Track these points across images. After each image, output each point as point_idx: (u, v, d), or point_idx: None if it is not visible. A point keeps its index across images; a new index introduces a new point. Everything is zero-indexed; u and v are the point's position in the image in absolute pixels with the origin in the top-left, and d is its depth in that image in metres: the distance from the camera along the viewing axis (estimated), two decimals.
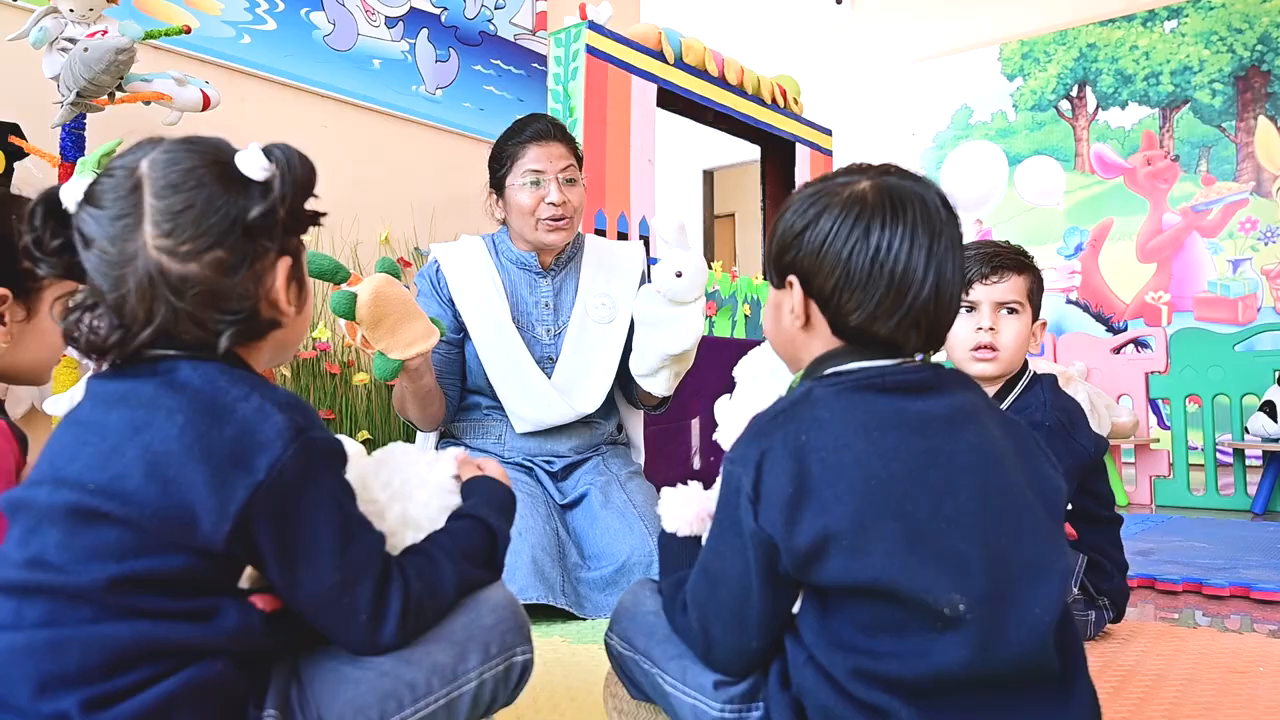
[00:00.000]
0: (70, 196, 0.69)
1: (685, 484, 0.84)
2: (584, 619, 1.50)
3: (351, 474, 0.76)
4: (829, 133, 3.16)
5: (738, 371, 0.94)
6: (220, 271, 0.68)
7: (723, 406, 0.86)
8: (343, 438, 0.78)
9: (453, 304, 1.73)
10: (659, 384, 1.65)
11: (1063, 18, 4.52)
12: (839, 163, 3.36)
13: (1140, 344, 3.62)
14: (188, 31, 1.96)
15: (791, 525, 0.67)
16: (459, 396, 1.77)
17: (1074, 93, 4.54)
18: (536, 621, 1.44)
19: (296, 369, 2.36)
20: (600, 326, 1.77)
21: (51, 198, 0.70)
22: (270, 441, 0.66)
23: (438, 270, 1.76)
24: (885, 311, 0.73)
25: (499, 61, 3.07)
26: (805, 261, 0.76)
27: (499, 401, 1.72)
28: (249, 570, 0.72)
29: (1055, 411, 1.26)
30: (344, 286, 1.38)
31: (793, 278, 0.77)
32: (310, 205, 0.75)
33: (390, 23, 2.76)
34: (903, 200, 0.74)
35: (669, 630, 0.80)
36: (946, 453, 0.69)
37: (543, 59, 3.17)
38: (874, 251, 0.72)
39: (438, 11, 2.89)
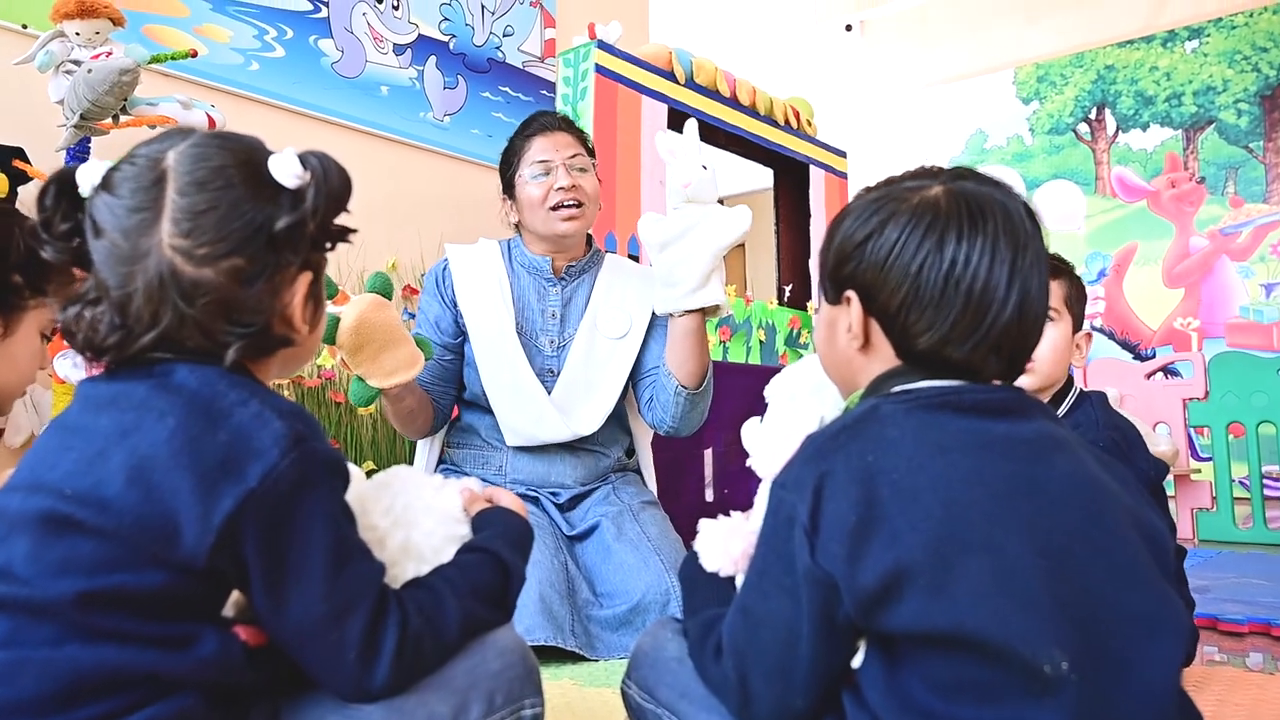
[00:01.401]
0: (87, 179, 0.64)
1: (727, 514, 0.74)
2: (595, 660, 1.40)
3: (349, 497, 0.68)
4: (843, 155, 3.10)
5: (770, 391, 0.85)
6: (237, 281, 0.63)
7: (753, 430, 0.77)
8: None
9: (456, 306, 1.67)
10: (712, 292, 1.49)
11: (1079, 40, 4.48)
12: (854, 187, 3.30)
13: (1169, 371, 3.51)
14: (194, 55, 1.91)
15: (856, 560, 0.57)
16: (451, 404, 1.69)
17: (1092, 115, 4.48)
18: (545, 663, 1.34)
19: (301, 397, 2.29)
20: (610, 341, 1.67)
21: (66, 178, 0.65)
22: (266, 449, 0.59)
23: (445, 269, 1.70)
24: (961, 334, 0.64)
25: (507, 88, 3.04)
26: (867, 275, 0.67)
27: (496, 422, 1.63)
28: (235, 597, 0.65)
29: (1109, 431, 1.16)
30: (330, 305, 1.30)
31: (851, 293, 0.69)
32: (341, 220, 0.70)
33: (399, 50, 2.73)
34: (982, 208, 0.65)
35: (696, 680, 0.70)
36: (1040, 481, 0.59)
37: (551, 86, 3.13)
38: (948, 266, 0.64)
39: (446, 39, 2.86)
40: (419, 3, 2.79)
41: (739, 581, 0.69)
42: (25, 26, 1.95)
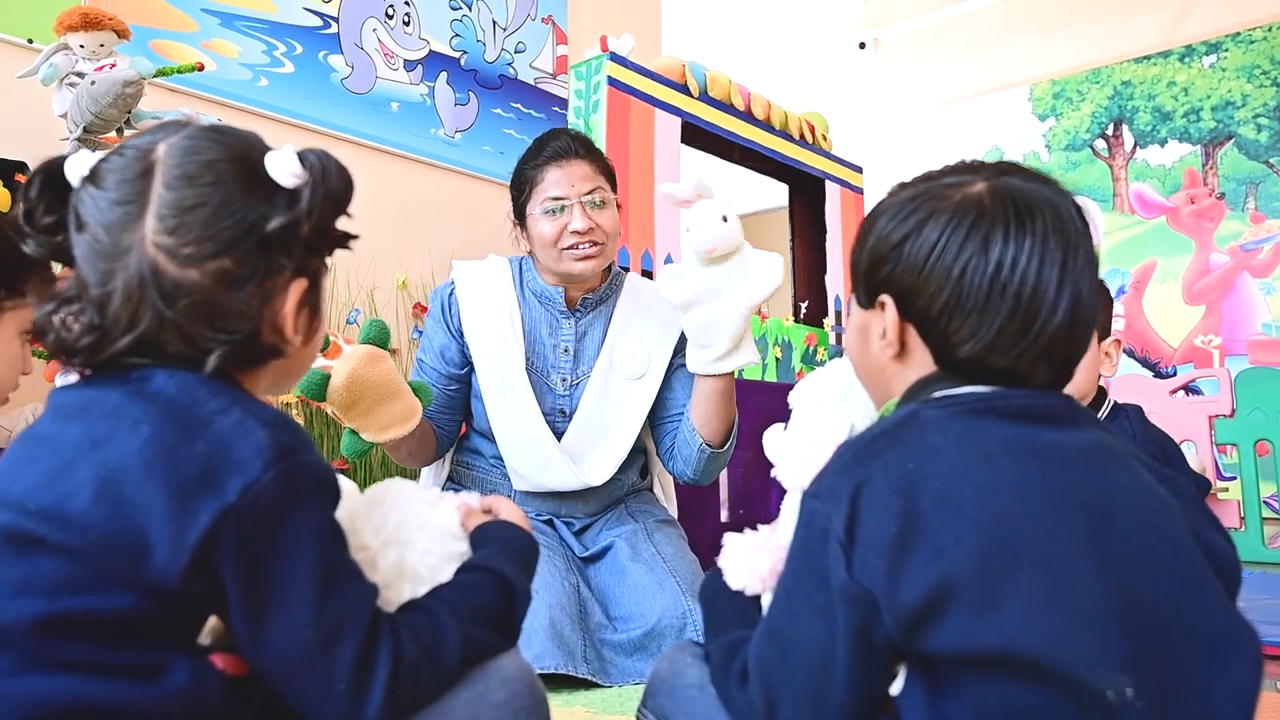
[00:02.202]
0: (76, 170, 0.61)
1: (753, 528, 0.69)
2: (609, 686, 1.34)
3: (338, 515, 0.63)
4: (859, 170, 3.06)
5: (796, 397, 0.80)
6: (222, 283, 0.59)
7: (777, 438, 0.72)
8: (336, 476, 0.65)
9: (462, 337, 1.55)
10: (744, 354, 1.40)
11: (1095, 56, 4.44)
12: (870, 202, 3.25)
13: (1190, 389, 3.43)
14: (200, 69, 1.90)
15: (897, 574, 0.52)
16: (457, 430, 1.60)
17: (1110, 131, 4.43)
18: (556, 689, 1.28)
19: (310, 417, 2.24)
20: (626, 382, 1.54)
21: (54, 169, 0.62)
22: (248, 461, 0.55)
23: (451, 294, 1.59)
24: (1008, 340, 0.59)
25: (519, 105, 3.02)
26: (904, 278, 0.63)
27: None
28: (212, 623, 0.59)
29: (1147, 444, 1.10)
30: (321, 358, 1.22)
31: (886, 297, 0.64)
32: (342, 225, 0.66)
33: (409, 66, 2.72)
34: (1030, 206, 0.61)
35: (718, 708, 0.65)
36: (1096, 492, 0.54)
37: (563, 102, 3.11)
38: (994, 268, 0.59)
39: (457, 55, 2.85)
40: (430, 19, 2.78)
41: (766, 601, 0.64)
42: (31, 41, 1.94)
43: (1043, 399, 0.60)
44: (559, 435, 1.52)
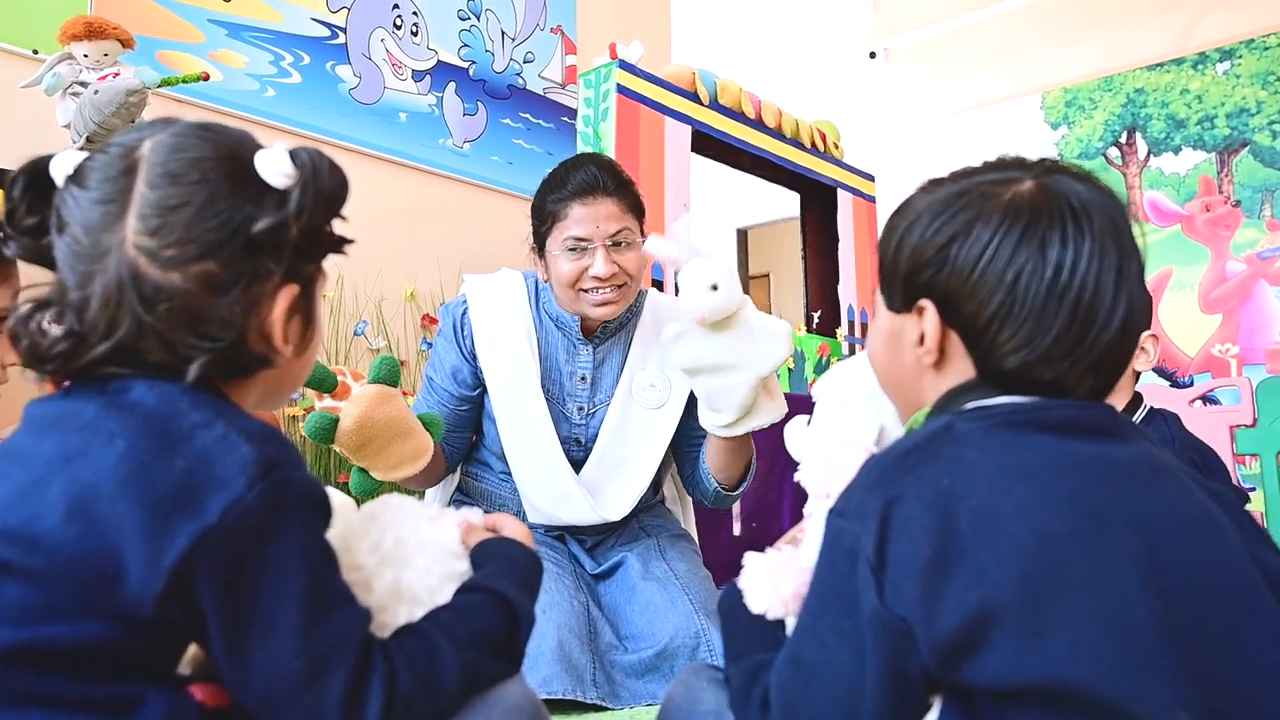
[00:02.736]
0: (61, 169, 0.58)
1: (776, 548, 0.65)
2: (618, 709, 1.30)
3: (332, 533, 0.60)
4: (871, 179, 3.02)
5: (820, 391, 0.75)
6: (206, 288, 0.56)
7: (800, 434, 0.68)
8: (330, 490, 0.62)
9: (475, 360, 1.48)
10: (762, 415, 1.35)
11: (1107, 64, 4.40)
12: (883, 211, 3.21)
13: (1208, 399, 3.37)
14: (205, 79, 1.88)
15: (934, 600, 0.49)
16: (465, 447, 1.54)
17: (1123, 139, 4.39)
18: (564, 713, 1.24)
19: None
20: (646, 412, 1.48)
21: (38, 168, 0.59)
22: (230, 477, 0.51)
23: (464, 315, 1.50)
24: (1062, 350, 0.56)
25: (528, 115, 3.00)
26: (950, 283, 0.59)
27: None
28: (192, 651, 0.56)
29: (1188, 452, 1.05)
30: (328, 399, 1.17)
31: (926, 302, 0.60)
32: (335, 228, 0.62)
33: (417, 76, 2.70)
34: (1085, 206, 0.57)
35: None
36: (1145, 510, 0.51)
37: (573, 112, 3.09)
38: (1052, 273, 0.56)
39: (466, 65, 2.83)
40: (438, 29, 2.76)
41: (790, 625, 0.60)
42: (36, 52, 1.93)
43: (1085, 409, 0.56)
44: (575, 466, 1.46)
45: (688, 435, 1.53)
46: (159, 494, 0.50)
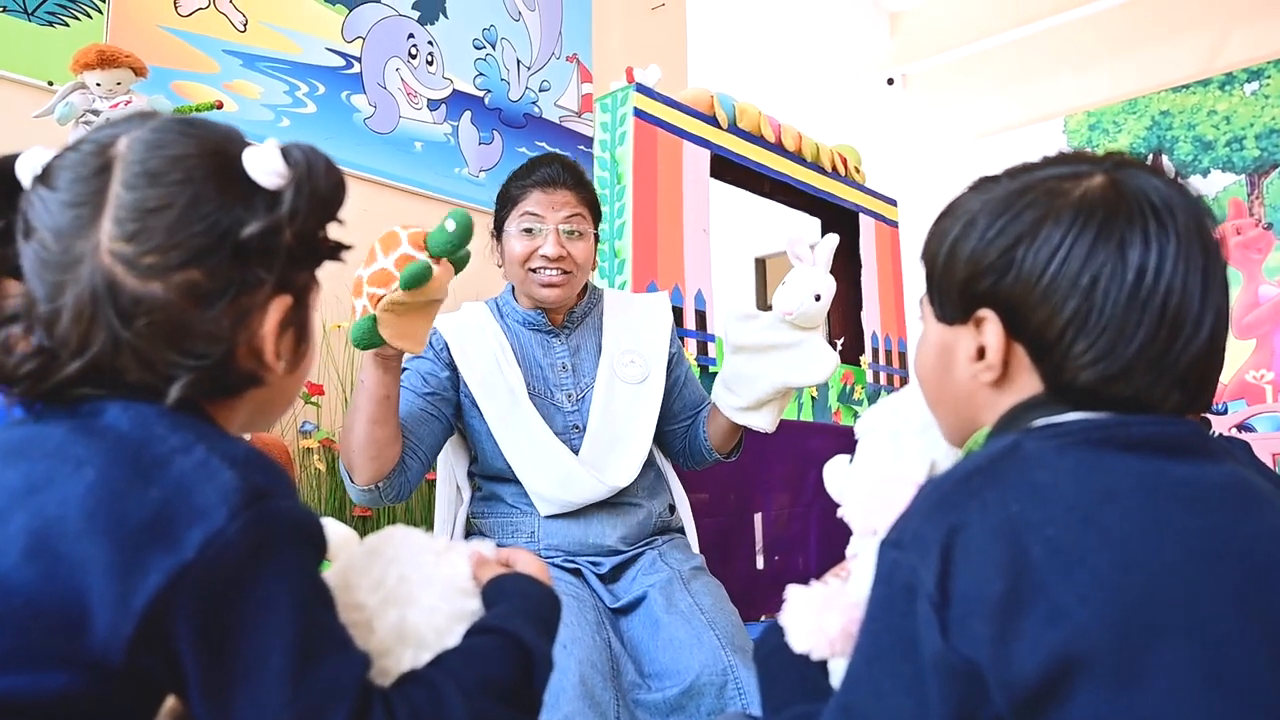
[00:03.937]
0: (27, 168, 0.53)
1: (822, 581, 0.58)
2: None
3: (333, 571, 0.54)
4: (894, 203, 2.97)
5: (864, 427, 0.69)
6: (190, 299, 0.51)
7: (840, 471, 0.62)
8: (328, 521, 0.56)
9: (454, 368, 1.48)
10: (763, 419, 1.46)
11: (1130, 86, 4.35)
12: (906, 236, 3.14)
13: (1244, 428, 3.26)
14: (219, 107, 1.87)
15: (1007, 641, 0.43)
16: (421, 470, 1.43)
17: (1149, 162, 4.32)
18: None
19: (332, 462, 2.16)
20: (630, 387, 1.55)
21: (2, 169, 0.54)
22: (210, 508, 0.46)
23: (435, 334, 1.50)
24: (1146, 363, 0.50)
25: (544, 143, 2.98)
26: (1016, 290, 0.53)
27: (523, 488, 1.48)
28: (170, 703, 0.50)
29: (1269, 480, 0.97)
30: (423, 257, 1.19)
31: (987, 312, 0.54)
32: (331, 234, 0.58)
33: (433, 105, 2.69)
34: (1166, 203, 0.52)
35: None
36: (1243, 538, 0.45)
37: (589, 140, 3.07)
38: (1135, 277, 0.50)
39: (481, 94, 2.82)
40: (453, 58, 2.76)
41: (835, 667, 0.53)
42: (51, 83, 1.92)
43: (1170, 425, 0.50)
44: (576, 451, 1.50)
45: (676, 416, 1.64)
46: (130, 527, 0.45)
